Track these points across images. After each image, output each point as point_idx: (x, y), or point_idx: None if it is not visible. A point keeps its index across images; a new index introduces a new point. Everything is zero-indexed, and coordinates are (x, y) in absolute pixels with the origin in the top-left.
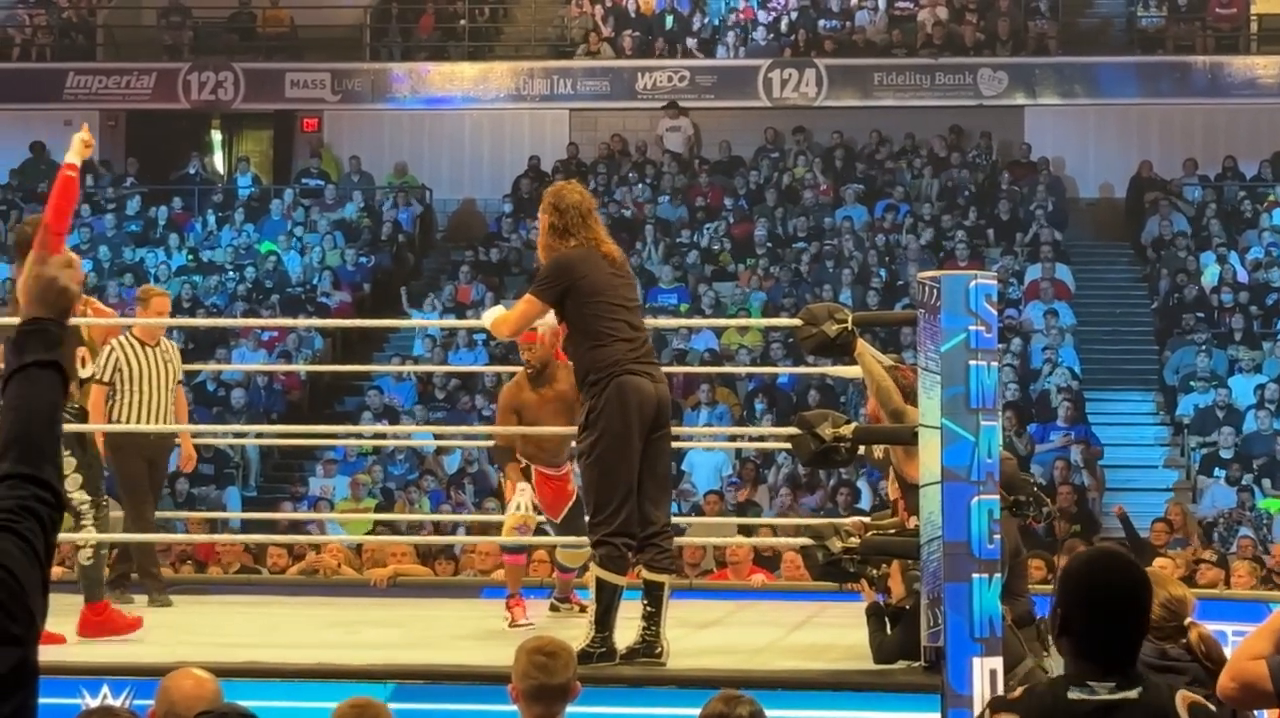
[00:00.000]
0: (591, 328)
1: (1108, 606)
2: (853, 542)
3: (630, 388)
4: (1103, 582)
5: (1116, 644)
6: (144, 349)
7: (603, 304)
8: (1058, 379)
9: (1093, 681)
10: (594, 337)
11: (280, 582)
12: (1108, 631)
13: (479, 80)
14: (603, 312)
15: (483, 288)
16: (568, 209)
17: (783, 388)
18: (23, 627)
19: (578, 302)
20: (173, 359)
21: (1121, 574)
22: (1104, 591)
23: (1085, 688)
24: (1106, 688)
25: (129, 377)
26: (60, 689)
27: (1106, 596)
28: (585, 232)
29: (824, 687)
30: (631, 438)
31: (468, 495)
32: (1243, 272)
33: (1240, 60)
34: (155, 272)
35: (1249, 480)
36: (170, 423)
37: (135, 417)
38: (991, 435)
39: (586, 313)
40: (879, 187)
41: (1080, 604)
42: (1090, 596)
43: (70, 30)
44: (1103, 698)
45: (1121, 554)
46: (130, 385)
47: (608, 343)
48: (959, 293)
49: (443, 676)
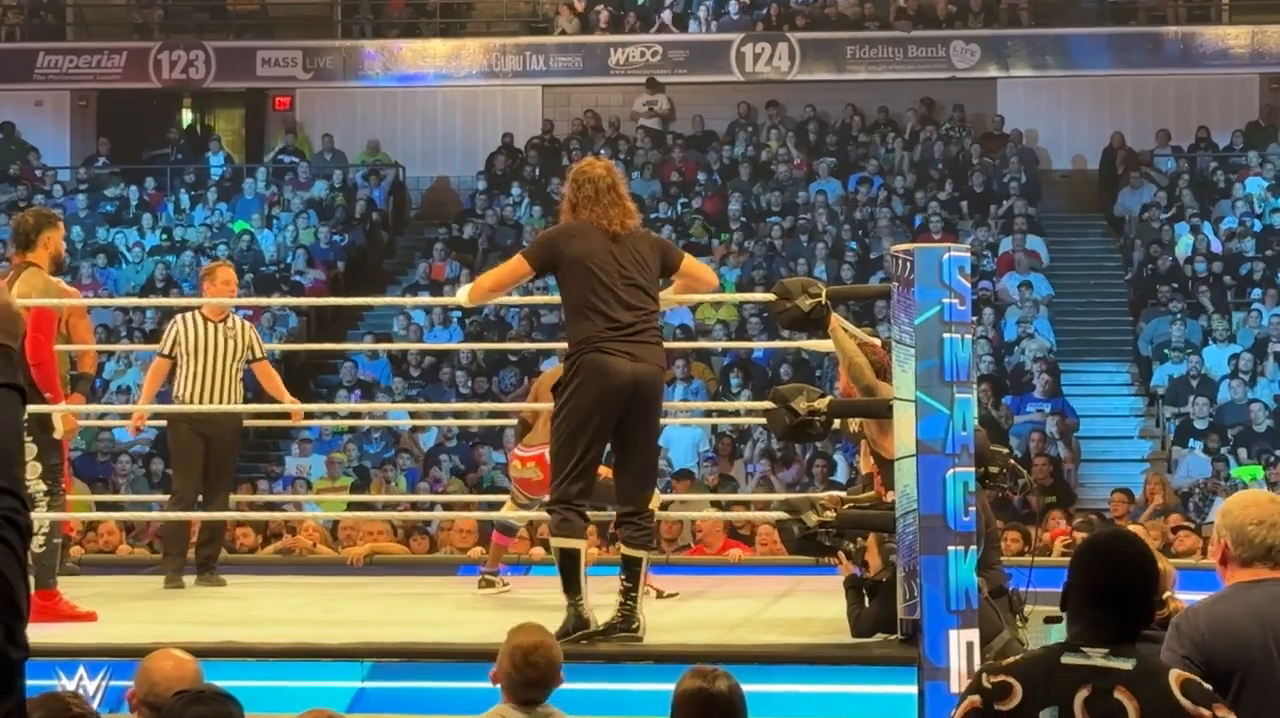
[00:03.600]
0: (571, 301)
1: (1115, 575)
2: (828, 515)
3: (598, 365)
4: (1115, 552)
5: (1117, 617)
6: (207, 325)
7: (589, 278)
8: (1033, 351)
9: (1087, 646)
10: (573, 310)
11: (256, 561)
12: (1111, 598)
13: (451, 57)
14: (586, 285)
15: (457, 265)
16: (581, 184)
17: (758, 362)
18: (18, 624)
19: (563, 274)
20: (237, 336)
21: (1134, 545)
22: (1115, 562)
23: (1079, 653)
24: (1100, 654)
25: (189, 350)
26: (35, 671)
27: (1116, 566)
28: (594, 207)
29: (801, 661)
30: (592, 415)
31: (444, 473)
32: (1216, 242)
33: (1212, 30)
34: (128, 253)
35: (1225, 451)
36: (235, 401)
37: (191, 391)
38: (966, 408)
39: (569, 286)
40: (852, 160)
41: (1086, 577)
42: (1090, 564)
43: (40, 10)
44: (1095, 664)
45: (1135, 537)
46: (191, 359)
47: (588, 317)
48: (932, 266)
49: (420, 653)
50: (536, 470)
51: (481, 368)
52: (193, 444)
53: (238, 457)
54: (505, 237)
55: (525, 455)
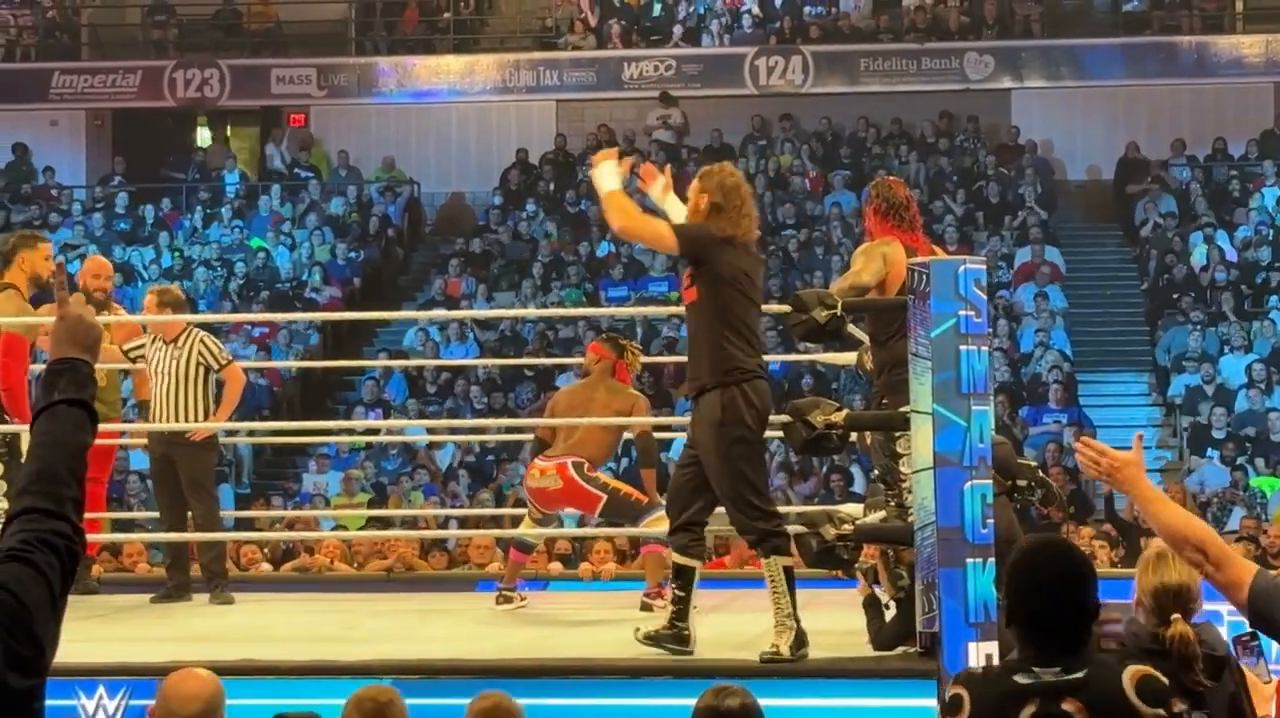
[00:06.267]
0: (725, 319)
1: (1047, 593)
2: (846, 529)
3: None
4: (1042, 570)
5: (1059, 630)
6: (155, 345)
7: (746, 301)
8: (1049, 361)
9: (1037, 666)
10: (729, 329)
11: (274, 578)
12: (1049, 617)
13: (465, 73)
14: (743, 305)
15: (473, 281)
16: (730, 191)
17: (774, 375)
18: (29, 651)
19: (718, 285)
20: (183, 356)
21: (1059, 563)
22: (1043, 579)
23: (1030, 673)
24: (1052, 673)
25: (151, 373)
26: (55, 691)
27: (1046, 583)
28: (742, 220)
29: (820, 674)
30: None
31: (461, 488)
32: (1232, 251)
33: (1226, 40)
34: (144, 271)
35: (1243, 460)
36: (179, 420)
37: (148, 410)
38: (983, 420)
39: (726, 301)
40: (867, 172)
41: (1022, 593)
42: (1030, 584)
43: (55, 30)
44: (1047, 682)
45: (1060, 542)
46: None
47: (749, 341)
48: (948, 278)
49: (439, 670)
50: (556, 479)
51: (497, 383)
52: (156, 467)
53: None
54: (520, 251)
55: (545, 465)
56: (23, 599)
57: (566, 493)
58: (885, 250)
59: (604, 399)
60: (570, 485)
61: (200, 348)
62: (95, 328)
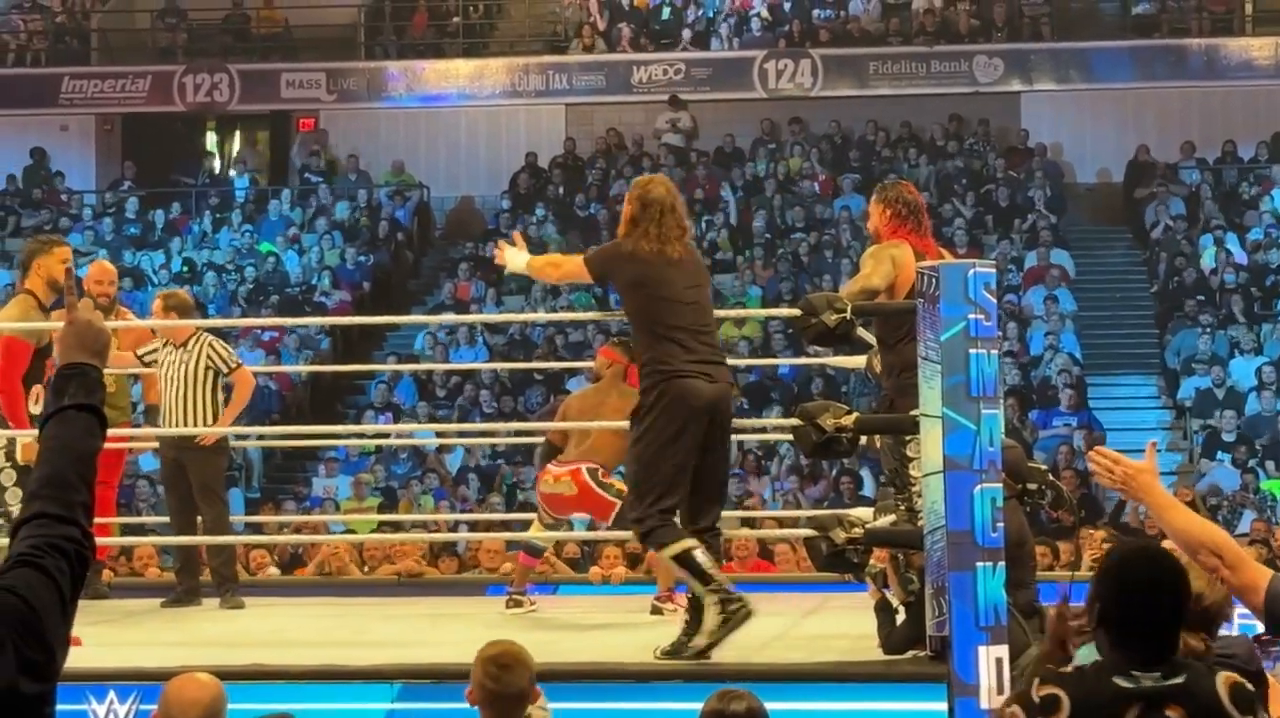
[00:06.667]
0: (645, 325)
1: (1142, 598)
2: (856, 532)
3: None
4: (1138, 575)
5: (1154, 636)
6: (165, 349)
7: (662, 304)
8: (1059, 365)
9: (1136, 670)
10: (649, 335)
11: (284, 583)
12: (1146, 622)
13: (474, 77)
14: (657, 310)
15: (482, 284)
16: (647, 204)
17: (784, 378)
18: (40, 656)
19: (629, 297)
20: (191, 359)
21: (1156, 568)
22: (1139, 584)
23: (1129, 677)
24: (1152, 678)
25: (161, 376)
26: (66, 695)
27: (1141, 589)
28: (656, 230)
29: (830, 678)
30: (678, 438)
31: (471, 492)
32: (1241, 253)
33: (1235, 42)
34: (154, 275)
35: (1253, 463)
36: (189, 424)
37: (157, 415)
38: (993, 423)
39: (639, 310)
40: (876, 176)
41: (1116, 597)
42: (1125, 589)
43: (64, 34)
44: (1149, 687)
45: (1157, 548)
46: (161, 386)
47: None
48: (958, 282)
49: (449, 674)
50: (570, 485)
51: (507, 387)
52: (167, 471)
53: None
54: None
55: (559, 471)
56: (33, 604)
57: (581, 499)
58: (894, 253)
59: (616, 404)
60: (585, 492)
61: (209, 352)
62: (104, 333)
